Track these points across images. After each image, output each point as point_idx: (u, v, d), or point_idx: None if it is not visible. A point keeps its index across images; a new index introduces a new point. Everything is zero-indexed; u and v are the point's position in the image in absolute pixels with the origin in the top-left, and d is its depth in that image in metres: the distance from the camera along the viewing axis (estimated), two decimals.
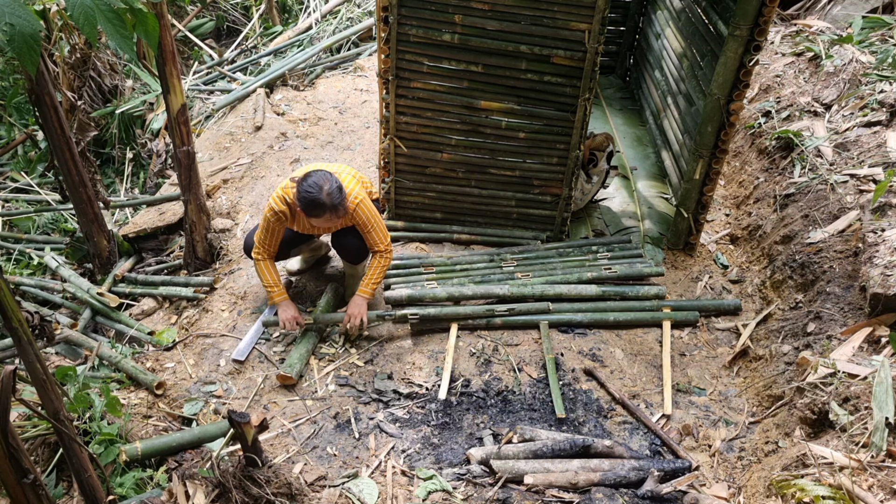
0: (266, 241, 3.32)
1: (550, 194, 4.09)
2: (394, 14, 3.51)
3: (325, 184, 3.01)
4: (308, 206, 3.02)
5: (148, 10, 2.13)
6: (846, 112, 4.24)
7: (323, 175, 3.04)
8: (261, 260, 3.37)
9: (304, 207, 3.04)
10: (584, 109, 3.69)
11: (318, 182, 3.01)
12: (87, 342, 3.57)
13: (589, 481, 2.71)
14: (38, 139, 6.02)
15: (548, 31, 3.49)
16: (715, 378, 3.40)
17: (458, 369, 3.37)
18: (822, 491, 2.32)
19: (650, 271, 3.86)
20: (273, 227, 3.26)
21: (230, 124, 5.67)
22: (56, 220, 5.41)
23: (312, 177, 3.03)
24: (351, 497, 2.69)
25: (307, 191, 3.00)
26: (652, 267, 3.89)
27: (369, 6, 7.51)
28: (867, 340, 2.90)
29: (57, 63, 5.03)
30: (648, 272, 3.86)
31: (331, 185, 3.02)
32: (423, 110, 3.84)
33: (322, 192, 3.00)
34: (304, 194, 3.01)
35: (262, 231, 3.31)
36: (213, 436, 2.88)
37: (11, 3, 1.62)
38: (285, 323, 3.37)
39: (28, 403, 2.12)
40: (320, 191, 3.00)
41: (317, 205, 3.01)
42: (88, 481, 2.27)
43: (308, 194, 3.00)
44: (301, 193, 3.02)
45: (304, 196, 3.01)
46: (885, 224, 3.23)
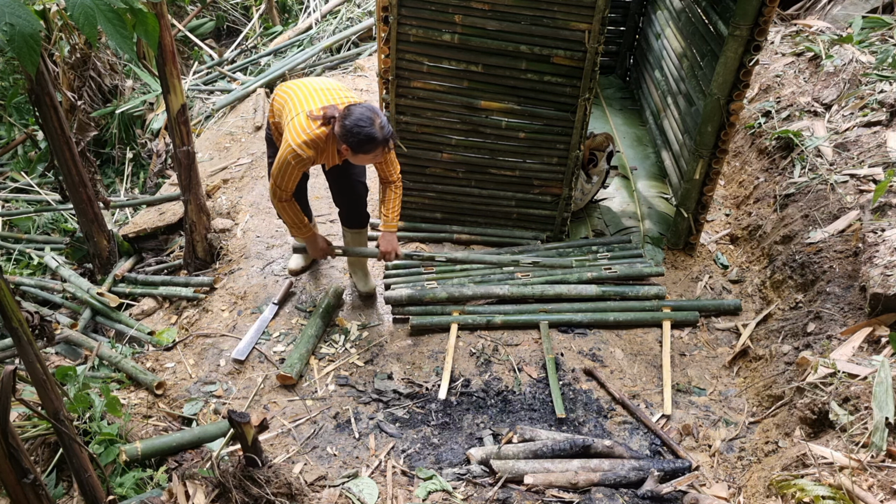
0: (288, 185, 3.10)
1: (550, 194, 4.09)
2: (394, 14, 3.51)
3: (375, 117, 2.87)
4: (362, 142, 2.87)
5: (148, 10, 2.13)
6: (846, 112, 4.24)
7: (367, 109, 2.88)
8: (286, 200, 3.18)
9: (356, 144, 2.88)
10: (584, 109, 3.69)
11: (369, 116, 2.86)
12: (87, 342, 3.57)
13: (589, 481, 2.71)
14: (38, 139, 6.02)
15: (548, 31, 3.49)
16: (715, 378, 3.40)
17: (458, 369, 3.37)
18: (822, 491, 2.32)
19: (650, 271, 3.86)
20: (294, 171, 3.04)
21: (230, 124, 5.68)
22: (56, 220, 5.41)
23: (357, 112, 2.87)
24: (351, 497, 2.69)
25: (359, 126, 2.84)
26: (652, 267, 3.89)
27: (369, 6, 7.51)
28: (867, 340, 2.90)
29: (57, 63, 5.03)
30: (648, 272, 3.86)
31: (381, 119, 2.89)
32: (423, 110, 3.84)
33: (375, 126, 2.85)
34: (357, 131, 2.84)
35: (281, 177, 3.06)
36: (213, 436, 2.88)
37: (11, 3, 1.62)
38: (317, 254, 3.41)
39: (28, 403, 2.12)
40: (372, 125, 2.85)
41: (371, 140, 2.86)
42: (88, 481, 2.27)
43: (361, 130, 2.84)
44: (352, 130, 2.84)
45: (357, 132, 2.84)
46: (885, 224, 3.23)
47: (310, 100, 3.05)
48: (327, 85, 3.18)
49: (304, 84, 3.18)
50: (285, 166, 3.01)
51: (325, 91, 3.11)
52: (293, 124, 2.98)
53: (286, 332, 3.59)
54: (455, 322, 3.55)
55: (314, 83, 3.19)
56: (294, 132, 2.96)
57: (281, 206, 3.20)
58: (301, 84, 3.19)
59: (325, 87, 3.15)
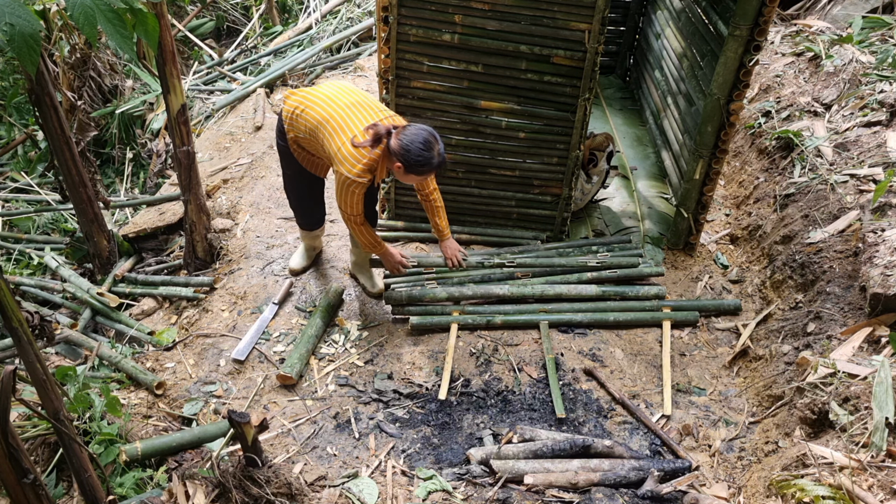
0: (357, 208, 3.16)
1: (550, 194, 4.09)
2: (394, 14, 3.51)
3: (434, 143, 2.95)
4: (419, 165, 2.95)
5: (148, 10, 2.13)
6: (846, 112, 4.24)
7: (427, 133, 2.95)
8: (361, 223, 3.27)
9: (412, 165, 2.95)
10: (584, 109, 3.69)
11: (429, 141, 2.93)
12: (87, 342, 3.57)
13: (589, 481, 2.71)
14: (38, 139, 6.02)
15: (548, 31, 3.49)
16: (715, 378, 3.40)
17: (458, 369, 3.37)
18: (822, 491, 2.32)
19: (650, 271, 3.86)
20: (358, 196, 3.10)
21: (230, 124, 5.68)
22: (56, 220, 5.41)
23: (417, 135, 2.93)
24: (351, 497, 2.69)
25: (420, 150, 2.92)
26: (652, 267, 3.89)
27: (369, 6, 7.51)
28: (867, 340, 2.90)
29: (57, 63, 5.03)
30: (648, 272, 3.86)
31: (440, 145, 2.98)
32: (423, 110, 3.84)
33: (433, 151, 2.95)
34: (418, 154, 2.92)
35: (346, 203, 3.12)
36: (213, 436, 2.88)
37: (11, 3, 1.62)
38: (393, 268, 3.56)
39: (28, 403, 2.12)
40: (431, 150, 2.94)
41: (427, 164, 2.96)
42: (88, 481, 2.27)
43: (421, 155, 2.92)
44: (412, 152, 2.92)
45: (418, 157, 2.92)
46: (885, 224, 3.23)
47: (350, 122, 3.03)
48: (357, 98, 3.14)
49: (333, 99, 3.11)
50: (348, 194, 3.08)
51: (360, 108, 3.09)
52: (343, 154, 2.99)
53: (286, 332, 3.59)
54: (455, 322, 3.55)
55: (341, 97, 3.13)
56: (347, 162, 2.98)
57: (357, 228, 3.28)
58: (328, 99, 3.12)
59: (357, 101, 3.12)
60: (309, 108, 3.11)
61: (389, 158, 3.01)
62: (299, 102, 3.15)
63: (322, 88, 3.19)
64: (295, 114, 3.16)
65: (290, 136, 3.25)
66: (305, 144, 3.25)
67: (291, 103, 3.20)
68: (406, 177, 3.06)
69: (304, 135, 3.17)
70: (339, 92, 3.16)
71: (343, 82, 3.30)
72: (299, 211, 3.71)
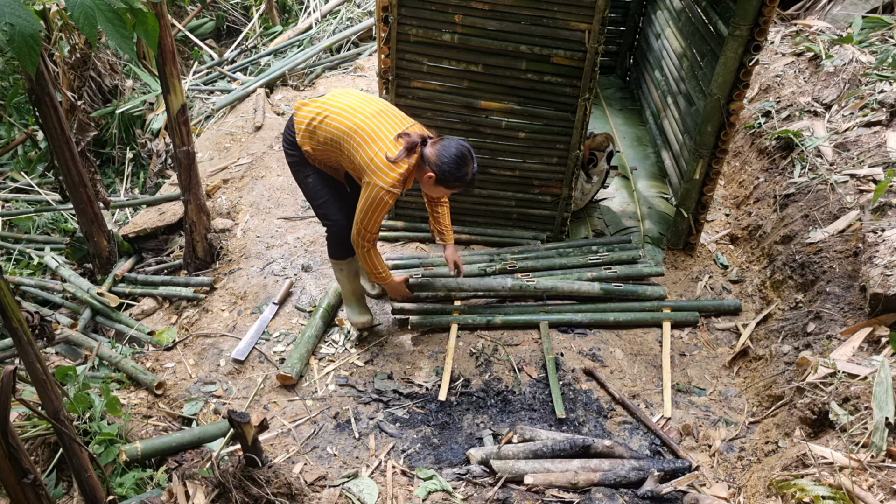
0: (376, 226, 3.00)
1: (550, 194, 4.09)
2: (394, 14, 3.51)
3: (470, 159, 2.90)
4: (453, 179, 2.90)
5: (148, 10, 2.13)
6: (846, 112, 4.24)
7: (465, 147, 2.89)
8: (372, 246, 3.10)
9: (445, 178, 2.89)
10: (584, 109, 3.69)
11: (466, 156, 2.88)
12: (87, 342, 3.57)
13: (589, 481, 2.71)
14: (38, 139, 6.02)
15: (548, 31, 3.49)
16: (715, 378, 3.40)
17: (458, 369, 3.37)
18: (822, 491, 2.32)
19: (650, 271, 3.86)
20: (385, 210, 2.95)
21: (230, 124, 5.68)
22: (56, 220, 5.41)
23: (456, 148, 2.87)
24: (351, 497, 2.69)
25: (458, 165, 2.86)
26: (652, 267, 3.89)
27: (369, 6, 7.51)
28: (867, 340, 2.90)
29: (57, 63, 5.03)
30: (648, 272, 3.86)
31: (475, 162, 2.93)
32: (423, 110, 3.84)
33: (468, 167, 2.90)
34: (456, 168, 2.86)
35: (370, 218, 2.94)
36: (213, 436, 2.88)
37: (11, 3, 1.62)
38: (399, 297, 3.52)
39: (28, 403, 2.12)
40: (467, 166, 2.89)
41: (462, 180, 2.91)
42: (88, 481, 2.27)
43: (459, 169, 2.87)
44: (450, 165, 2.85)
45: (456, 171, 2.86)
46: (885, 224, 3.23)
47: (379, 131, 2.90)
48: (380, 106, 3.01)
49: (356, 109, 2.95)
50: (378, 206, 2.90)
51: (386, 116, 2.97)
52: (377, 163, 2.84)
53: (286, 332, 3.59)
54: (455, 322, 3.55)
55: (364, 106, 2.98)
56: (382, 172, 2.84)
57: (367, 251, 3.10)
58: (351, 108, 2.96)
59: (381, 109, 2.99)
60: (330, 118, 2.95)
61: (420, 168, 2.92)
62: (317, 112, 2.98)
63: (339, 98, 3.03)
64: (313, 124, 2.98)
65: (305, 148, 3.05)
66: (321, 157, 3.07)
67: (307, 114, 3.01)
68: (434, 188, 2.97)
69: (323, 146, 3.00)
70: (360, 101, 3.01)
71: (355, 90, 3.17)
72: (335, 227, 3.24)
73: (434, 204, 3.40)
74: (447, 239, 3.51)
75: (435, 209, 3.42)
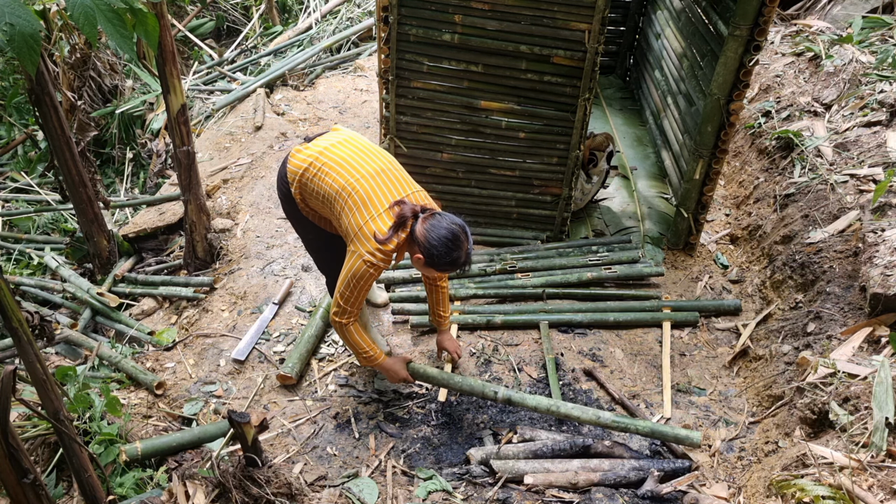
0: (359, 302, 2.72)
1: (550, 194, 4.09)
2: (394, 14, 3.51)
3: (464, 240, 2.56)
4: (446, 266, 2.59)
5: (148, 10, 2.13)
6: (846, 112, 4.24)
7: (457, 226, 2.56)
8: (352, 323, 2.78)
9: (438, 265, 2.59)
10: (584, 109, 3.69)
11: (459, 237, 2.55)
12: (87, 342, 3.57)
13: (589, 481, 2.71)
14: (38, 139, 6.02)
15: (548, 31, 3.49)
16: (715, 378, 3.40)
17: (459, 369, 3.37)
18: (822, 491, 2.32)
19: (650, 271, 3.86)
20: (369, 284, 2.66)
21: (230, 124, 5.68)
22: (56, 220, 5.42)
23: (447, 230, 2.54)
24: (351, 497, 2.69)
25: (449, 251, 2.54)
26: (652, 267, 3.89)
27: (369, 6, 7.51)
28: (867, 340, 2.90)
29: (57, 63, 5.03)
30: (648, 272, 3.86)
31: (469, 242, 2.59)
32: (423, 110, 3.84)
33: (461, 251, 2.56)
34: (445, 255, 2.54)
35: (353, 293, 2.65)
36: (213, 436, 2.88)
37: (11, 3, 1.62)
38: (398, 381, 3.02)
39: (28, 403, 2.12)
40: (459, 249, 2.56)
41: (453, 264, 2.59)
42: (88, 481, 2.27)
43: (449, 254, 2.54)
44: (440, 251, 2.53)
45: (445, 257, 2.55)
46: (885, 224, 3.23)
47: (374, 195, 2.60)
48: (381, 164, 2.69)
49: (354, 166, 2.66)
50: (362, 279, 2.60)
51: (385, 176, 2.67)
52: (365, 233, 2.57)
53: (286, 332, 3.59)
54: (455, 322, 3.54)
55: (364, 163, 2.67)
56: (370, 243, 2.56)
57: (345, 329, 2.77)
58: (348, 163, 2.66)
59: (381, 168, 2.68)
60: (324, 172, 2.67)
61: (410, 245, 2.62)
62: (311, 162, 2.70)
63: (339, 149, 2.72)
64: (306, 176, 2.71)
65: (298, 198, 2.81)
66: (315, 207, 2.81)
67: (301, 161, 2.74)
68: (424, 268, 2.66)
69: (314, 199, 2.76)
70: (361, 155, 2.70)
71: (358, 138, 2.83)
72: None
73: (431, 285, 3.05)
74: (442, 324, 3.15)
75: (432, 289, 3.07)
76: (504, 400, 2.95)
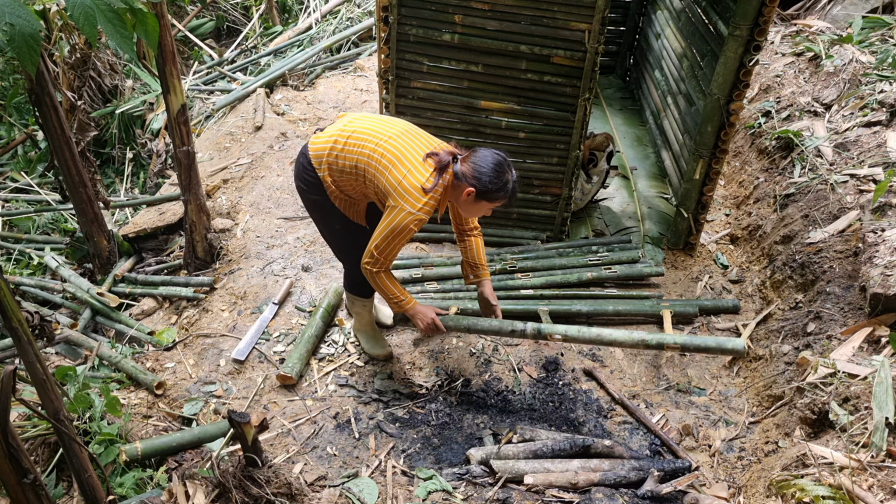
0: (394, 254, 2.74)
1: (550, 194, 4.09)
2: (394, 14, 3.51)
3: (507, 168, 2.63)
4: (497, 192, 2.62)
5: (148, 10, 2.13)
6: (846, 112, 4.24)
7: (499, 157, 2.63)
8: (384, 271, 2.79)
9: (490, 194, 2.62)
10: (584, 109, 3.69)
11: (503, 164, 2.62)
12: (87, 342, 3.57)
13: (589, 481, 2.71)
14: (38, 139, 6.02)
15: (548, 31, 3.49)
16: (715, 378, 3.40)
17: (458, 369, 3.37)
18: (822, 491, 2.32)
19: (650, 271, 3.86)
20: (408, 238, 2.68)
21: (230, 124, 5.68)
22: (56, 220, 5.42)
23: (492, 159, 2.60)
24: (351, 497, 2.69)
25: (498, 176, 2.60)
26: (652, 267, 3.89)
27: (369, 6, 7.51)
28: (867, 340, 2.90)
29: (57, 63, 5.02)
30: (648, 272, 3.86)
31: (513, 171, 2.66)
32: (423, 110, 3.84)
33: (508, 176, 2.63)
34: (495, 181, 2.59)
35: (389, 246, 2.68)
36: (213, 436, 2.88)
37: (11, 3, 1.62)
38: (427, 329, 2.97)
39: (28, 403, 2.12)
40: (506, 175, 2.62)
41: (505, 191, 2.64)
42: (88, 481, 2.27)
43: (500, 178, 2.60)
44: (489, 179, 2.58)
45: (495, 183, 2.60)
46: (885, 224, 3.23)
47: (406, 151, 2.64)
48: (403, 126, 2.75)
49: (378, 131, 2.70)
50: (402, 233, 2.62)
51: (411, 135, 2.72)
52: (405, 186, 2.57)
53: (286, 332, 3.59)
54: (454, 305, 3.52)
55: (387, 127, 2.72)
56: (411, 196, 2.56)
57: (376, 276, 2.78)
58: (372, 131, 2.70)
59: (404, 129, 2.73)
60: (352, 144, 2.69)
61: (456, 186, 2.65)
62: (335, 140, 2.73)
63: (357, 122, 2.77)
64: (333, 153, 2.72)
65: (329, 181, 2.78)
66: (346, 187, 2.80)
67: (323, 144, 2.76)
68: (474, 205, 2.68)
69: (346, 175, 2.75)
70: (380, 123, 2.75)
71: (370, 114, 2.90)
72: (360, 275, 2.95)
73: (465, 234, 3.02)
74: (482, 275, 3.08)
75: (466, 239, 3.02)
76: (533, 333, 2.95)
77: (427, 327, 2.96)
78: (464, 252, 3.07)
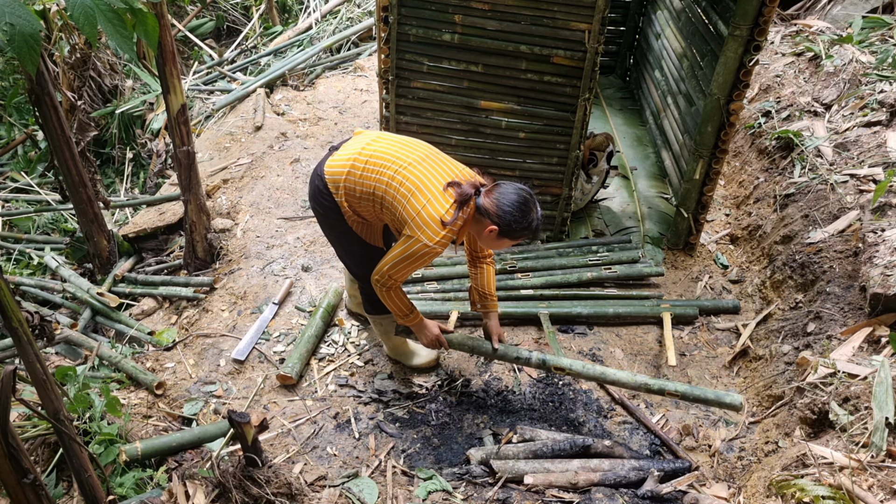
0: (406, 276, 2.67)
1: (550, 194, 4.09)
2: (394, 14, 3.51)
3: (532, 204, 2.55)
4: (521, 231, 2.55)
5: (148, 10, 2.13)
6: (846, 112, 4.24)
7: (524, 193, 2.56)
8: (396, 287, 2.72)
9: (513, 232, 2.54)
10: (584, 109, 3.69)
11: (528, 201, 2.54)
12: (87, 342, 3.57)
13: (589, 481, 2.71)
14: (38, 139, 6.02)
15: (548, 31, 3.49)
16: (715, 378, 3.40)
17: (458, 369, 3.37)
18: (822, 491, 2.32)
19: (650, 271, 3.86)
20: (421, 264, 2.61)
21: (230, 124, 5.68)
22: (56, 220, 5.42)
23: (516, 196, 2.52)
24: (351, 497, 2.69)
25: (523, 214, 2.52)
26: (652, 267, 3.89)
27: (369, 6, 7.51)
28: (867, 340, 2.90)
29: (57, 63, 5.03)
30: (648, 272, 3.86)
31: (538, 207, 2.58)
32: (423, 110, 3.84)
33: (533, 214, 2.55)
34: (519, 220, 2.51)
35: (401, 270, 2.60)
36: (213, 436, 2.88)
37: (11, 3, 1.62)
38: (430, 344, 2.95)
39: (28, 403, 2.12)
40: (531, 213, 2.54)
41: (529, 229, 2.56)
42: (88, 481, 2.27)
43: (526, 219, 2.52)
44: (513, 217, 2.50)
45: (520, 222, 2.51)
46: (885, 224, 3.23)
47: (427, 179, 2.55)
48: (424, 151, 2.66)
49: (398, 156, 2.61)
50: (416, 260, 2.55)
51: (432, 162, 2.62)
52: (423, 218, 2.49)
53: (286, 332, 3.59)
54: (455, 310, 3.53)
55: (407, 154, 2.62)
56: (429, 228, 2.49)
57: (387, 292, 2.72)
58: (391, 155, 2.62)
59: (425, 154, 2.64)
60: (369, 170, 2.61)
61: (478, 221, 2.57)
62: (353, 164, 2.64)
63: (376, 145, 2.68)
64: (351, 179, 2.64)
65: (346, 206, 2.70)
66: (363, 211, 2.73)
67: (340, 168, 2.67)
68: (496, 241, 2.59)
69: (362, 201, 2.68)
70: (401, 147, 2.66)
71: (388, 133, 2.82)
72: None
73: (478, 260, 2.94)
74: (490, 306, 3.00)
75: (479, 266, 2.95)
76: (538, 363, 2.96)
77: (430, 342, 2.93)
78: (474, 278, 3.00)
